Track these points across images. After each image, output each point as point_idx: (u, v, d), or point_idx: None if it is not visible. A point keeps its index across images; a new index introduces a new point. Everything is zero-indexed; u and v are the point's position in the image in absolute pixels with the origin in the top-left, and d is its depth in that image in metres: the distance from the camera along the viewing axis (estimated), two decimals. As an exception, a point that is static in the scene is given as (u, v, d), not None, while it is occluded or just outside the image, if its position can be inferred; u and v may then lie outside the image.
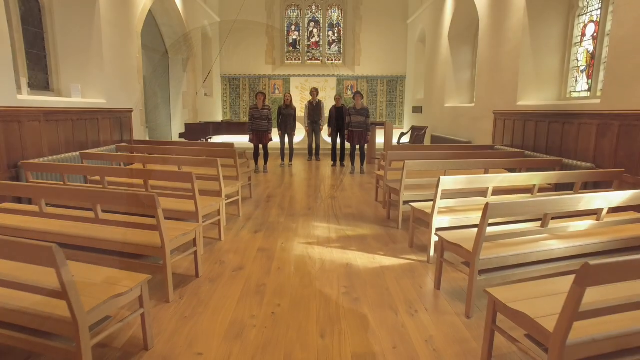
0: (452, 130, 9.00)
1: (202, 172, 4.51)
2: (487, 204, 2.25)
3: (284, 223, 4.48)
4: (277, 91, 13.18)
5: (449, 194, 3.67)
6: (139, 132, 7.13)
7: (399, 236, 4.06)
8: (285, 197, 5.83)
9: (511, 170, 5.01)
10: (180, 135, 9.17)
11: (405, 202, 4.20)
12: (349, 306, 2.63)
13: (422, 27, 11.53)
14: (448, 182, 3.18)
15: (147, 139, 10.52)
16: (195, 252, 2.98)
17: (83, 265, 2.14)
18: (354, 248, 3.71)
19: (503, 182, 3.40)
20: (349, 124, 7.75)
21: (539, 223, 2.71)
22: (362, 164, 8.06)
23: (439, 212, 3.29)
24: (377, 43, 13.05)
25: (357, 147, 7.94)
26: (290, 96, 8.52)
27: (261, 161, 8.06)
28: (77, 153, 4.89)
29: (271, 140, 7.88)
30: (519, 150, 5.64)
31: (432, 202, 3.36)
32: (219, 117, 13.11)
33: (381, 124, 9.43)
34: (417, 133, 10.31)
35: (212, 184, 4.24)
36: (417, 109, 11.97)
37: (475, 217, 3.33)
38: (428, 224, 3.37)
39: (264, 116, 7.66)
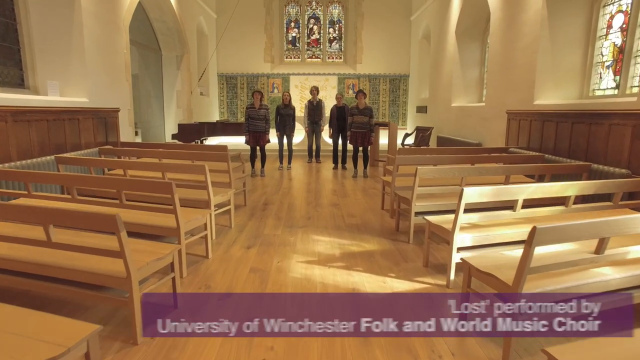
0: (460, 131, 8.53)
1: (190, 179, 4.03)
2: (534, 229, 1.78)
3: (281, 236, 3.99)
4: (275, 90, 12.70)
5: (470, 206, 3.19)
6: (127, 133, 6.64)
7: (410, 252, 3.58)
8: (283, 204, 5.35)
9: (530, 175, 4.53)
10: (173, 137, 8.69)
11: (417, 213, 3.73)
12: (357, 349, 2.15)
13: (427, 24, 11.05)
14: (472, 194, 2.70)
15: (138, 140, 10.07)
16: (174, 279, 2.51)
17: (15, 310, 1.66)
18: (361, 268, 3.23)
19: (535, 193, 2.92)
20: (352, 125, 7.27)
21: (588, 245, 2.24)
22: (365, 167, 7.58)
23: (461, 229, 2.81)
24: (379, 40, 12.57)
25: (360, 149, 7.45)
26: (289, 95, 8.04)
27: (258, 164, 7.58)
28: (53, 157, 4.42)
29: (269, 142, 7.40)
30: (537, 153, 5.16)
31: (449, 215, 2.89)
32: (215, 117, 12.64)
33: (384, 125, 8.97)
34: (422, 134, 9.84)
35: (200, 193, 3.76)
36: (421, 109, 11.50)
37: (503, 234, 2.86)
38: (445, 240, 2.90)
39: (261, 116, 7.18)
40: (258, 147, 7.38)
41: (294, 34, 13.08)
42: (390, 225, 4.44)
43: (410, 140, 10.38)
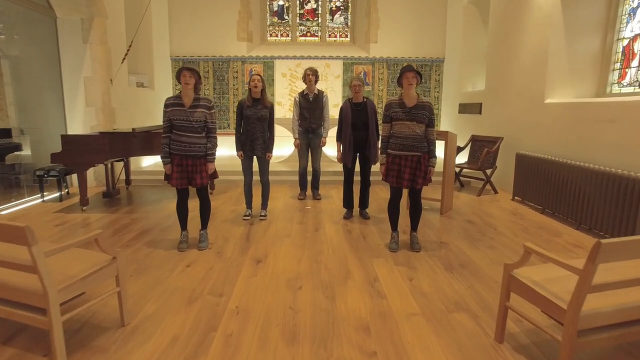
0: (577, 150, 4.71)
1: None
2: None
3: None
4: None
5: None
6: None
7: None
8: None
9: None
10: (54, 158, 4.77)
11: None
12: None
13: (480, -21, 7.22)
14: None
15: (25, 151, 6.16)
16: None
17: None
18: None
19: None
20: (390, 140, 3.41)
21: None
22: (414, 228, 3.67)
23: None
24: (401, 11, 8.74)
25: (407, 191, 3.57)
26: (261, 79, 4.15)
27: (195, 219, 3.72)
28: None
29: (216, 177, 3.53)
30: None
31: None
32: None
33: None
34: (488, 149, 5.99)
35: None
36: (469, 108, 7.65)
37: None
38: None
39: (195, 123, 3.31)
40: (192, 189, 3.52)
41: (280, 2, 9.20)
42: None
43: (462, 159, 6.54)
